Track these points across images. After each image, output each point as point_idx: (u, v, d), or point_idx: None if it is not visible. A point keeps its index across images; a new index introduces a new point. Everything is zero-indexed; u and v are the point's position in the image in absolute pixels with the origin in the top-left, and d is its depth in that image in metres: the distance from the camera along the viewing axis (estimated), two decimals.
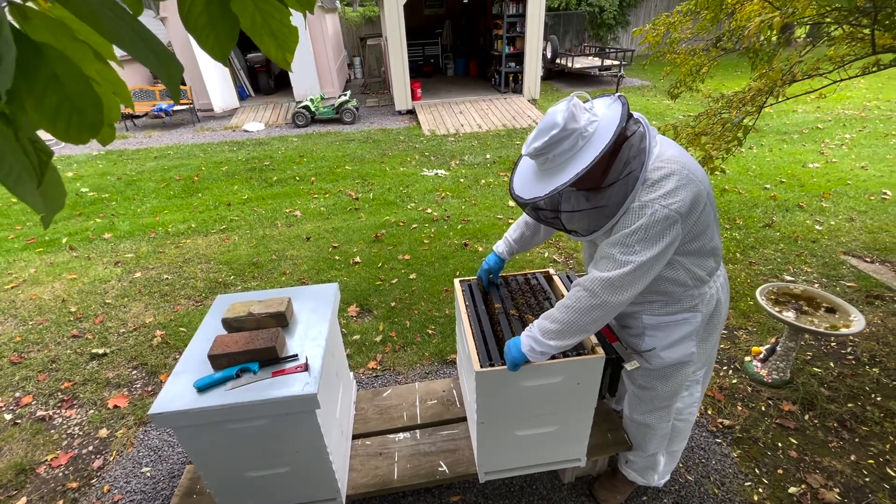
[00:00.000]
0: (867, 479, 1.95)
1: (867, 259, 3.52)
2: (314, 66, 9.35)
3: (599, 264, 1.23)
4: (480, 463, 1.67)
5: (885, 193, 4.54)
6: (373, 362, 2.71)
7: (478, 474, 1.71)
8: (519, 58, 9.42)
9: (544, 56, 10.77)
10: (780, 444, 2.12)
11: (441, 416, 1.99)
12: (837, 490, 1.91)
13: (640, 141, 1.19)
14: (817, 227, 4.00)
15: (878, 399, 2.31)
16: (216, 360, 1.38)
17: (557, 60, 11.39)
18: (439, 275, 3.54)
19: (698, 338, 1.44)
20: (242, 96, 10.43)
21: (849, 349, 2.67)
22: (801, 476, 1.98)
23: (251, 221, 4.66)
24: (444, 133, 7.56)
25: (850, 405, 2.29)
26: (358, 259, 3.80)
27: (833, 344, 2.72)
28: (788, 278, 3.32)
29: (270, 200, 5.18)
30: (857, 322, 2.14)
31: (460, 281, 1.84)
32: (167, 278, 3.67)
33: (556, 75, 11.80)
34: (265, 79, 10.62)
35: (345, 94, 8.70)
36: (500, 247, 1.75)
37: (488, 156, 6.39)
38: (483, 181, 5.47)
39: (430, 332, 2.94)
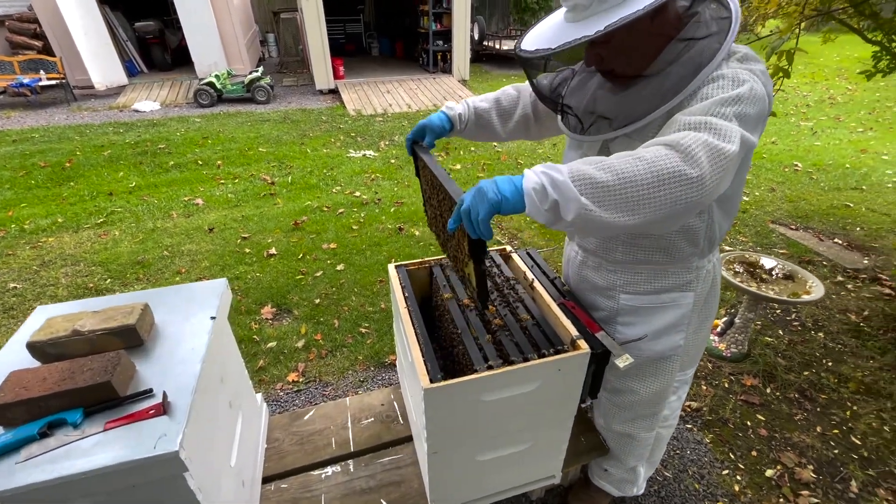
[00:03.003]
0: (836, 452, 1.86)
1: (792, 227, 3.63)
2: (218, 39, 8.26)
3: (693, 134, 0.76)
4: (434, 499, 1.30)
5: (796, 165, 4.79)
6: (293, 374, 2.22)
7: None
8: (447, 36, 9.04)
9: (472, 38, 10.48)
10: (748, 423, 1.99)
11: (380, 437, 1.58)
12: (811, 467, 1.80)
13: (717, 16, 0.88)
14: (745, 198, 4.09)
15: (830, 364, 2.27)
16: (6, 411, 0.85)
17: (485, 42, 11.17)
18: (371, 264, 3.09)
19: (689, 327, 1.16)
20: (132, 72, 9.00)
21: (793, 315, 2.65)
22: (775, 456, 1.84)
23: (138, 213, 3.85)
24: (371, 113, 7.01)
25: (806, 373, 2.22)
26: (273, 251, 3.23)
27: (778, 311, 2.69)
28: (727, 248, 3.30)
29: (165, 188, 4.36)
30: (816, 288, 2.05)
31: (397, 266, 1.43)
32: (15, 287, 2.85)
33: (483, 58, 11.59)
34: (160, 52, 9.25)
35: (256, 71, 7.78)
36: (455, 107, 1.22)
37: None
38: None
39: (363, 331, 2.50)
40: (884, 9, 2.28)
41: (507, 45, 10.89)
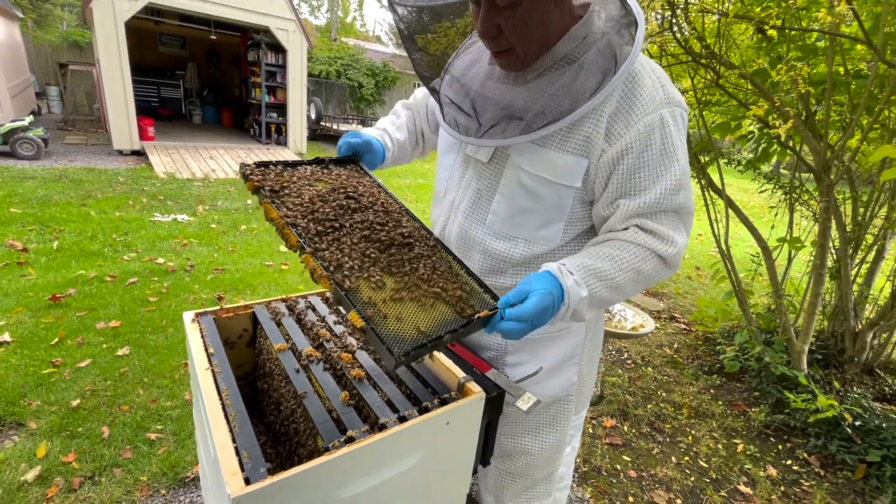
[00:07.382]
0: (692, 479, 1.90)
1: None
2: None
3: (664, 219, 0.80)
4: None
5: None
6: None
7: None
8: (281, 109, 8.80)
9: (309, 118, 10.49)
10: (618, 467, 1.92)
11: None
12: (679, 501, 1.78)
13: (620, 14, 0.78)
14: None
15: (664, 395, 2.45)
16: None
17: (322, 122, 11.30)
18: (173, 343, 2.33)
19: (581, 359, 1.02)
20: None
21: (625, 355, 2.87)
22: (649, 497, 1.78)
23: None
24: (188, 177, 6.08)
25: (650, 406, 2.34)
26: (6, 337, 2.19)
27: (613, 352, 2.89)
28: None
29: None
30: (647, 321, 2.23)
31: (198, 314, 0.96)
32: None
33: (321, 138, 11.64)
34: None
35: (22, 120, 6.15)
36: (385, 141, 1.06)
37: (249, 201, 5.34)
38: (244, 227, 4.41)
39: (152, 437, 1.74)
40: None
41: (345, 127, 11.21)
